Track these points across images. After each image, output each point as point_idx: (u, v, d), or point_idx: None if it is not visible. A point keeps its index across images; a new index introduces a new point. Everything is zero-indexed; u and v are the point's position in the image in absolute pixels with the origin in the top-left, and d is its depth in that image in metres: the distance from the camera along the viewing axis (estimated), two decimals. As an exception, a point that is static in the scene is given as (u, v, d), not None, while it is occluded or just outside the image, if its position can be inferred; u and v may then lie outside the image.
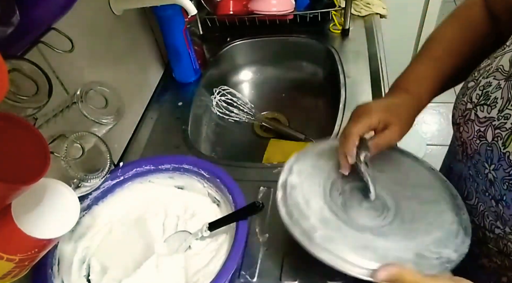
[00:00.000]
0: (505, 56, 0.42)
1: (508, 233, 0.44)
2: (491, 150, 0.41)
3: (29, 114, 0.41)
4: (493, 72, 0.43)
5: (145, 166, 0.61)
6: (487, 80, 0.43)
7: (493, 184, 0.42)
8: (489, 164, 0.42)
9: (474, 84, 0.45)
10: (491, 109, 0.41)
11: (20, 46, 0.42)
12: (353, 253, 0.42)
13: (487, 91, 0.42)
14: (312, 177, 0.53)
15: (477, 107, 0.43)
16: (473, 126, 0.44)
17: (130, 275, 0.53)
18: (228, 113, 0.97)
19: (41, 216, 0.40)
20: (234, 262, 0.46)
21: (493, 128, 0.41)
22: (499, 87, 0.41)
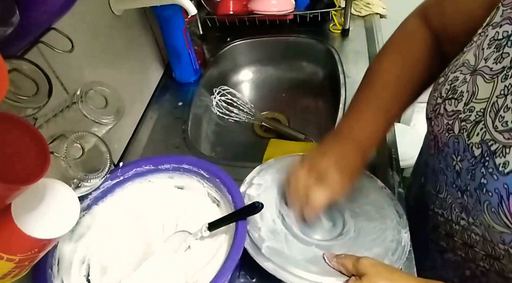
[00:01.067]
0: (471, 51, 0.43)
1: (471, 223, 0.45)
2: (458, 141, 0.43)
3: (29, 114, 0.41)
4: (460, 67, 0.44)
5: (145, 166, 0.61)
6: (455, 75, 0.44)
7: (459, 175, 0.44)
8: (456, 155, 0.43)
9: (443, 80, 0.46)
10: (457, 103, 0.43)
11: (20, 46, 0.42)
12: (296, 265, 0.47)
13: (455, 85, 0.44)
14: (271, 190, 0.57)
15: (445, 102, 0.45)
16: (442, 120, 0.45)
17: (130, 275, 0.53)
18: (228, 113, 0.97)
19: (41, 216, 0.40)
20: (233, 262, 0.46)
21: (460, 121, 0.42)
22: (465, 81, 0.42)
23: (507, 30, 0.38)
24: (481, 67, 0.40)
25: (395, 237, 0.51)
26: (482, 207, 0.40)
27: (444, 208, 0.51)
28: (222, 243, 0.54)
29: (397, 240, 0.51)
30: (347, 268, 0.45)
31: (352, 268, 0.44)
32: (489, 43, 0.40)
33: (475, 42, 0.43)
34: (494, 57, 0.39)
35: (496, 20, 0.40)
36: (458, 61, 0.45)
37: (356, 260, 0.44)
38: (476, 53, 0.42)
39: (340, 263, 0.46)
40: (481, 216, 0.40)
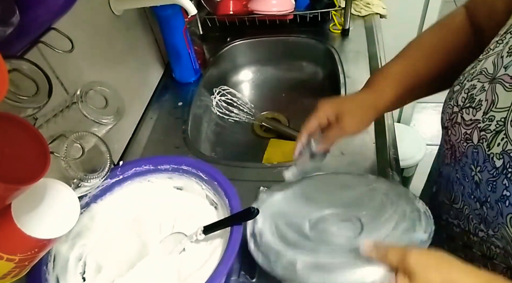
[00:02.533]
0: (489, 59, 0.42)
1: (491, 236, 0.44)
2: (477, 152, 0.41)
3: (29, 114, 0.41)
4: (477, 75, 0.43)
5: (145, 166, 0.61)
6: (472, 83, 0.43)
7: (478, 186, 0.42)
8: (475, 166, 0.42)
9: (459, 88, 0.45)
10: (476, 112, 0.41)
11: (20, 46, 0.42)
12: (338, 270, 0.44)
13: (472, 94, 0.43)
14: (279, 218, 0.55)
15: (463, 110, 0.44)
16: (460, 129, 0.44)
17: (124, 275, 0.53)
18: (228, 113, 0.97)
19: (41, 216, 0.40)
20: (226, 267, 0.46)
21: (479, 131, 0.41)
22: (483, 89, 0.41)
23: None
24: (500, 76, 0.39)
25: (412, 208, 0.50)
26: (504, 220, 0.38)
27: (460, 219, 0.49)
28: (217, 247, 0.54)
29: (416, 209, 0.49)
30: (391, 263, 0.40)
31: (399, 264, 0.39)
32: (508, 51, 0.39)
33: (492, 50, 0.43)
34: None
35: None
36: (475, 70, 0.44)
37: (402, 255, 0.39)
38: (495, 62, 0.41)
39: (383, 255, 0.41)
40: (503, 229, 0.39)
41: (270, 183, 0.69)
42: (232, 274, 0.57)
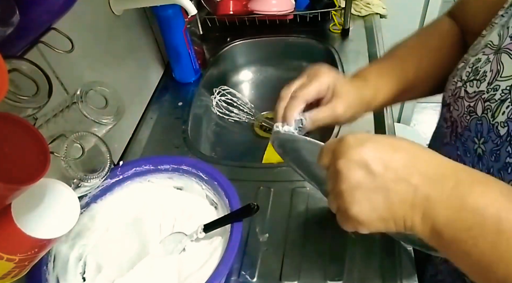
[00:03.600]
0: (493, 32, 0.42)
1: None
2: (481, 123, 0.41)
3: (29, 114, 0.41)
4: (481, 49, 0.43)
5: (145, 166, 0.61)
6: (476, 57, 0.43)
7: (481, 159, 0.42)
8: (479, 138, 0.42)
9: (463, 64, 0.45)
10: (480, 84, 0.41)
11: (20, 46, 0.42)
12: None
13: (476, 67, 0.42)
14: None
15: (466, 84, 0.43)
16: (463, 103, 0.44)
17: (124, 275, 0.53)
18: (228, 113, 0.97)
19: (41, 216, 0.40)
20: (226, 267, 0.46)
21: (483, 102, 0.40)
22: (488, 61, 0.41)
23: None
24: (506, 45, 0.39)
25: None
26: None
27: None
28: (217, 246, 0.54)
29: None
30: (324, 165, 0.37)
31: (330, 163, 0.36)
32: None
33: (496, 23, 0.42)
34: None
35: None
36: (479, 45, 0.44)
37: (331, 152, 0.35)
38: (501, 33, 0.41)
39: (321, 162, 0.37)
40: None
41: (270, 183, 0.69)
42: (232, 274, 0.57)
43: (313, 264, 0.56)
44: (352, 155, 0.33)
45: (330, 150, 0.36)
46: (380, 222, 0.33)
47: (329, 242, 0.59)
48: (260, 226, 0.62)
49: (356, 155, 0.32)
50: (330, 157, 0.35)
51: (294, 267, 0.56)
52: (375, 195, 0.32)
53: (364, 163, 0.32)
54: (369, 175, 0.32)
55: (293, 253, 0.58)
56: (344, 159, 0.33)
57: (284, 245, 0.59)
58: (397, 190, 0.31)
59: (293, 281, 0.55)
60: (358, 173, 0.32)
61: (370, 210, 0.33)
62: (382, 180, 0.32)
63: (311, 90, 0.47)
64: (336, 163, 0.34)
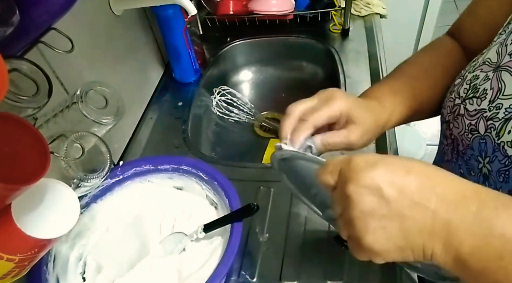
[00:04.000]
0: (492, 49, 0.42)
1: None
2: (484, 142, 0.40)
3: (29, 114, 0.41)
4: (479, 66, 0.43)
5: (145, 166, 0.61)
6: (474, 74, 0.43)
7: (487, 179, 0.40)
8: (483, 157, 0.40)
9: (460, 80, 0.45)
10: (481, 101, 0.41)
11: (20, 46, 0.42)
12: None
13: (475, 84, 0.42)
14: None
15: (466, 101, 0.43)
16: (463, 120, 0.43)
17: (124, 275, 0.53)
18: (228, 113, 0.97)
19: (41, 216, 0.40)
20: (226, 267, 0.46)
21: (485, 120, 0.40)
22: (487, 78, 0.41)
23: None
24: (506, 63, 0.39)
25: None
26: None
27: None
28: (217, 246, 0.54)
29: None
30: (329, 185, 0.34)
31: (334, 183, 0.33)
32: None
33: (494, 41, 0.42)
34: None
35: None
36: (477, 62, 0.44)
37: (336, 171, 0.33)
38: (499, 51, 0.41)
39: (323, 181, 0.34)
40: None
41: (270, 183, 0.69)
42: (232, 274, 0.57)
43: (313, 264, 0.56)
44: (362, 179, 0.30)
45: (336, 170, 0.33)
46: (397, 252, 0.30)
47: (329, 242, 0.59)
48: (260, 226, 0.62)
49: (367, 179, 0.30)
50: (336, 179, 0.33)
51: (294, 267, 0.56)
52: (390, 222, 0.29)
53: (376, 188, 0.29)
54: (382, 201, 0.29)
55: (293, 253, 0.58)
56: (354, 183, 0.30)
57: (284, 245, 0.59)
58: (414, 216, 0.29)
59: (293, 281, 0.55)
60: (371, 199, 0.29)
61: (385, 239, 0.30)
62: (397, 206, 0.29)
63: (322, 115, 0.44)
64: (345, 187, 0.31)
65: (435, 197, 0.28)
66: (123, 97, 0.53)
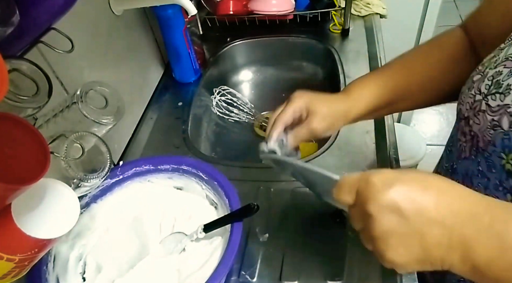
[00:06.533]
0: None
1: None
2: (508, 138, 0.39)
3: (29, 114, 0.41)
4: (502, 62, 0.42)
5: (145, 166, 0.61)
6: (496, 70, 0.42)
7: (511, 175, 0.40)
8: (507, 153, 0.40)
9: (480, 77, 0.44)
10: (504, 97, 0.40)
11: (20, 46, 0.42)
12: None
13: (498, 80, 0.41)
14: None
15: (488, 97, 0.42)
16: (485, 116, 0.42)
17: (124, 275, 0.53)
18: (228, 113, 0.97)
19: (41, 216, 0.40)
20: (226, 267, 0.46)
21: (509, 115, 0.39)
22: (511, 74, 0.40)
23: None
24: None
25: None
26: None
27: None
28: (217, 246, 0.54)
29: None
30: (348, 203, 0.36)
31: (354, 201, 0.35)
32: None
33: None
34: None
35: None
36: (497, 57, 0.43)
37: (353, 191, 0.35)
38: None
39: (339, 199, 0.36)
40: None
41: (270, 183, 0.69)
42: (232, 274, 0.57)
43: (313, 264, 0.56)
44: (382, 199, 0.32)
45: (353, 189, 0.35)
46: (417, 264, 0.32)
47: (329, 242, 0.59)
48: (260, 226, 0.62)
49: (387, 199, 0.31)
50: (354, 197, 0.35)
51: (294, 267, 0.56)
52: (410, 239, 0.31)
53: (395, 207, 0.31)
54: (402, 219, 0.31)
55: (293, 253, 0.58)
56: (374, 203, 0.32)
57: (284, 245, 0.59)
58: (432, 233, 0.31)
59: (293, 281, 0.55)
60: (391, 219, 0.31)
61: (406, 254, 0.32)
62: (416, 224, 0.31)
63: (287, 113, 0.53)
64: (365, 206, 0.33)
65: (451, 213, 0.30)
66: (123, 97, 0.53)
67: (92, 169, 0.51)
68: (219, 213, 0.59)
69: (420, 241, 0.31)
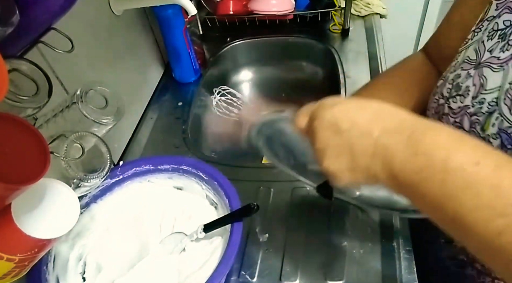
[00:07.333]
0: (470, 48, 0.43)
1: None
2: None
3: (29, 114, 0.41)
4: (459, 64, 0.44)
5: (144, 166, 0.61)
6: (456, 73, 0.44)
7: None
8: None
9: (442, 81, 0.46)
10: (464, 98, 0.42)
11: (20, 46, 0.42)
12: None
13: (457, 82, 0.43)
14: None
15: (449, 100, 0.44)
16: (448, 119, 0.44)
17: (124, 274, 0.53)
18: (228, 113, 0.97)
19: (41, 216, 0.40)
20: (226, 267, 0.46)
21: (469, 116, 0.41)
22: (469, 76, 0.42)
23: (509, 19, 0.39)
24: (486, 59, 0.40)
25: None
26: None
27: None
28: (217, 246, 0.54)
29: None
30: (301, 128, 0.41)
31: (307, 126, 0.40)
32: (488, 35, 0.40)
33: (470, 40, 0.44)
34: (500, 46, 0.39)
35: (492, 14, 0.41)
36: (456, 61, 0.45)
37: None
38: (477, 48, 0.42)
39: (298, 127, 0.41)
40: None
41: (270, 183, 0.69)
42: (232, 274, 0.57)
43: (313, 264, 0.56)
44: (324, 115, 0.36)
45: (308, 113, 0.39)
46: (348, 173, 0.36)
47: (329, 242, 0.59)
48: (260, 226, 0.62)
49: (328, 115, 0.36)
50: (308, 120, 0.39)
51: (294, 267, 0.56)
52: (341, 149, 0.35)
53: (334, 122, 0.35)
54: (338, 133, 0.35)
55: (293, 253, 0.58)
56: (318, 119, 0.36)
57: (284, 245, 0.59)
58: (361, 143, 0.34)
59: (293, 281, 0.55)
60: (329, 132, 0.36)
61: (338, 163, 0.36)
62: (348, 136, 0.35)
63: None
64: (312, 124, 0.37)
65: (379, 127, 0.34)
66: (123, 97, 0.53)
67: (92, 169, 0.51)
68: (219, 213, 0.59)
69: (350, 151, 0.35)
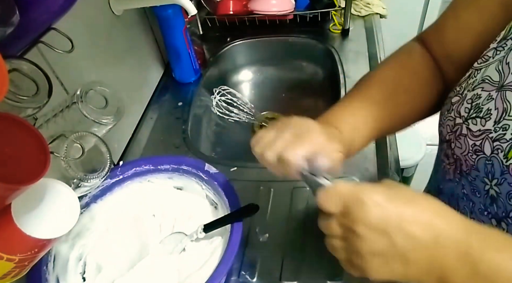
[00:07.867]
0: (490, 67, 0.40)
1: None
2: (491, 164, 0.39)
3: (29, 114, 0.41)
4: (479, 84, 0.41)
5: (145, 166, 0.61)
6: (474, 93, 0.41)
7: (495, 201, 0.39)
8: (490, 179, 0.39)
9: (459, 99, 0.43)
10: (485, 122, 0.39)
11: (20, 46, 0.42)
12: None
13: (477, 103, 0.40)
14: None
15: (468, 121, 0.41)
16: (466, 141, 0.41)
17: (124, 274, 0.53)
18: (228, 113, 0.97)
19: (41, 216, 0.40)
20: (226, 267, 0.46)
21: (491, 141, 0.38)
22: (491, 98, 0.39)
23: None
24: (510, 82, 0.37)
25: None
26: None
27: None
28: (217, 246, 0.54)
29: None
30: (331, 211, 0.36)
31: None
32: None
33: (491, 58, 0.41)
34: None
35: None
36: (474, 79, 0.42)
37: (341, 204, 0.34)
38: (500, 68, 0.39)
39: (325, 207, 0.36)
40: None
41: (270, 183, 0.69)
42: (232, 274, 0.57)
43: (313, 264, 0.56)
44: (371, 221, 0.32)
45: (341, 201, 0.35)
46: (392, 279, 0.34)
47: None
48: (260, 226, 0.62)
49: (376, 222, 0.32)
50: (341, 210, 0.35)
51: (294, 267, 0.56)
52: (393, 262, 0.33)
53: (385, 231, 0.32)
54: (390, 244, 0.32)
55: (293, 253, 0.58)
56: (364, 224, 0.33)
57: (284, 245, 0.59)
58: (415, 257, 0.32)
59: (293, 281, 0.55)
60: (379, 242, 0.32)
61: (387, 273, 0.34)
62: (403, 251, 0.32)
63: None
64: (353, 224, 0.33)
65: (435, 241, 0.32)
66: (123, 97, 0.53)
67: (92, 169, 0.51)
68: (219, 213, 0.59)
69: (403, 264, 0.33)
